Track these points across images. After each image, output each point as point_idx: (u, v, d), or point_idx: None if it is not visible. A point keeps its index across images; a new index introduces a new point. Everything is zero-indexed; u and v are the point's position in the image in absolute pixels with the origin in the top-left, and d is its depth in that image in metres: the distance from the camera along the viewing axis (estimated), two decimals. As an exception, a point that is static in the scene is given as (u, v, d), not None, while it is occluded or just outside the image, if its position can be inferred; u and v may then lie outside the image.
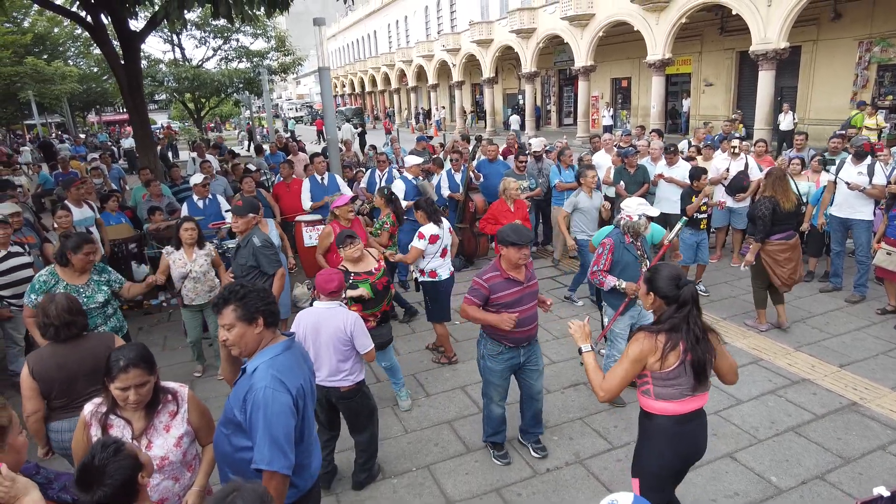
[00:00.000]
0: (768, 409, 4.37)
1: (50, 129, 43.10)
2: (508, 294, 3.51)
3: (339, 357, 3.39)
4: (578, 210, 6.31)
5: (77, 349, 2.96)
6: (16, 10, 26.16)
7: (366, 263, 4.25)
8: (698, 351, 2.43)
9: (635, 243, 4.40)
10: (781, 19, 15.18)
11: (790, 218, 5.48)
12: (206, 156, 10.82)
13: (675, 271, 2.56)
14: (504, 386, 3.75)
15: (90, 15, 8.40)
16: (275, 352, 2.22)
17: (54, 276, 4.00)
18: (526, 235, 3.46)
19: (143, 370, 2.23)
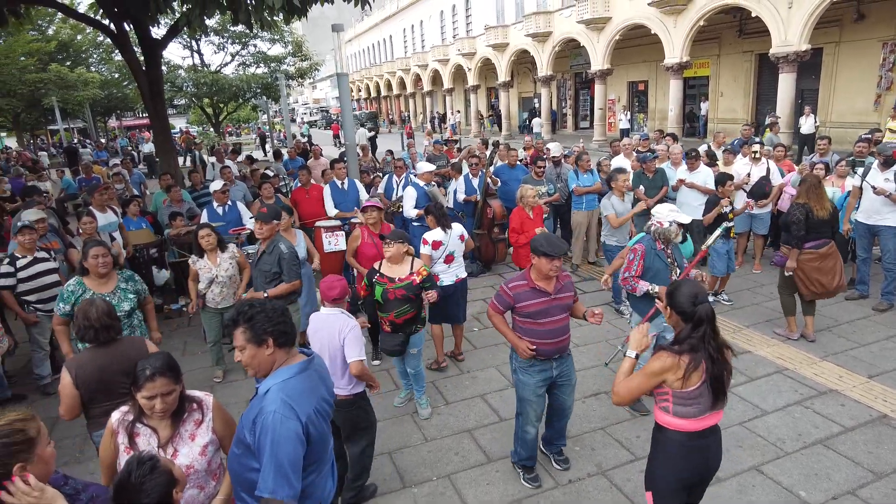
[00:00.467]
0: (795, 420, 4.28)
1: (72, 134, 43.93)
2: (533, 304, 3.46)
3: (333, 363, 3.34)
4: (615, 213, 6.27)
5: (114, 352, 3.02)
6: (41, 18, 26.75)
7: (399, 269, 4.24)
8: (716, 370, 2.46)
9: (666, 250, 4.34)
10: (803, 21, 14.96)
11: (824, 226, 5.33)
12: (225, 161, 10.94)
13: (694, 288, 2.56)
14: (540, 403, 3.65)
15: (113, 23, 8.54)
16: (288, 374, 2.15)
17: (81, 285, 4.05)
18: (559, 247, 3.40)
19: (169, 379, 2.25)
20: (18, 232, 5.04)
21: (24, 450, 1.76)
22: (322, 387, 2.28)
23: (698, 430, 2.53)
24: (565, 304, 3.55)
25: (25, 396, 5.31)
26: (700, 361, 2.44)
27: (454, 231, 5.21)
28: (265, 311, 2.13)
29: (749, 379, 4.90)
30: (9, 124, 36.30)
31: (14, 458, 1.74)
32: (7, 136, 42.58)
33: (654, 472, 2.71)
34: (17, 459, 1.74)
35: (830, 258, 5.35)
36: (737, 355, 2.67)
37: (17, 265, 5.08)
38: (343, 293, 3.46)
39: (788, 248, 5.41)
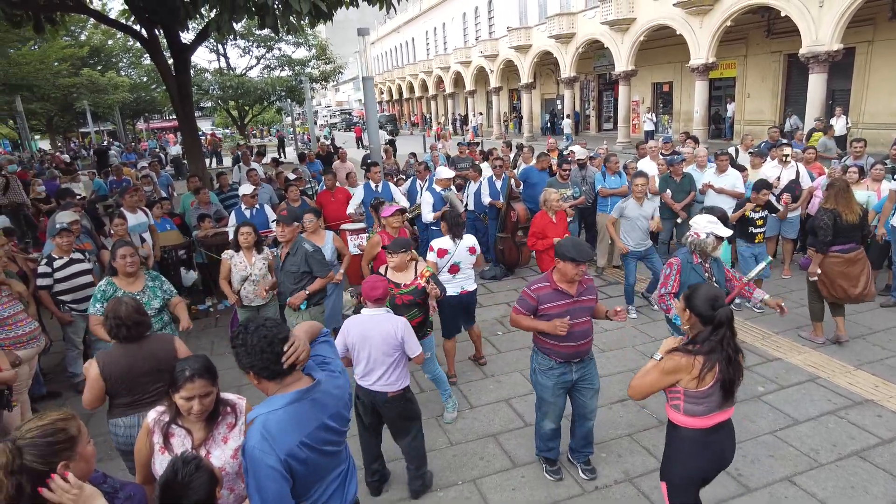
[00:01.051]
0: (829, 430, 4.17)
1: (102, 136, 45.02)
2: (556, 306, 3.45)
3: (388, 362, 3.44)
4: (625, 217, 6.20)
5: (143, 349, 3.09)
6: (74, 25, 27.47)
7: (404, 275, 4.24)
8: (730, 372, 2.54)
9: (703, 264, 4.17)
10: (835, 20, 14.62)
11: (853, 230, 5.23)
12: (251, 163, 11.08)
13: (713, 292, 2.63)
14: (557, 404, 3.66)
15: (145, 28, 8.73)
16: (279, 403, 2.04)
17: (112, 285, 4.17)
18: (586, 253, 3.38)
19: (207, 380, 2.28)
20: (57, 234, 5.18)
21: (67, 448, 1.81)
22: (321, 414, 2.12)
23: (710, 427, 2.64)
24: (587, 306, 3.53)
25: (60, 394, 5.45)
26: (714, 363, 2.52)
27: (464, 242, 5.02)
28: (245, 345, 2.00)
29: (780, 387, 4.80)
30: (43, 127, 37.36)
31: (58, 457, 1.78)
32: (41, 138, 43.79)
33: (670, 467, 2.83)
34: (60, 458, 1.79)
35: (858, 264, 5.25)
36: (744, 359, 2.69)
37: (53, 266, 5.22)
38: (385, 293, 3.50)
39: (815, 252, 5.32)
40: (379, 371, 3.44)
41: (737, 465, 3.80)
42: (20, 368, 4.27)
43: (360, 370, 3.51)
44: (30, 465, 1.73)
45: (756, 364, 5.17)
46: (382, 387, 3.47)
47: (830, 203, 5.24)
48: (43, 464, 1.75)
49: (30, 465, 1.73)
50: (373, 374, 3.45)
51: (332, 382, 2.20)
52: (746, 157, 8.81)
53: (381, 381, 3.46)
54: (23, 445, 1.74)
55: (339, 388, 2.20)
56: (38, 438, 1.77)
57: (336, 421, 2.18)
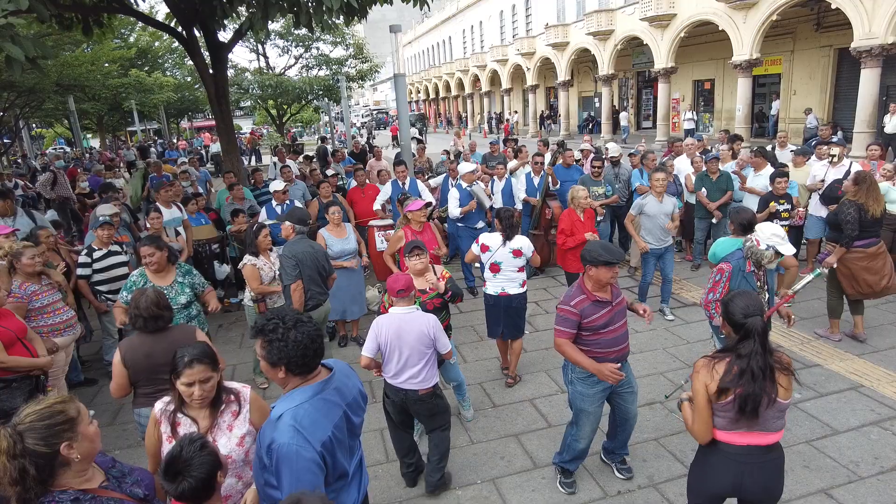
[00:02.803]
0: (871, 442, 3.95)
1: (148, 134, 46.62)
2: (600, 317, 3.30)
3: (420, 360, 3.45)
4: (645, 215, 6.04)
5: (163, 340, 3.15)
6: (124, 28, 28.50)
7: (426, 280, 4.15)
8: (752, 387, 2.33)
9: (756, 272, 3.95)
10: (890, 11, 13.92)
11: (875, 225, 5.15)
12: (286, 161, 11.26)
13: (749, 300, 2.49)
14: (597, 414, 3.50)
15: (184, 28, 8.96)
16: (302, 397, 2.07)
17: (143, 276, 4.28)
18: (619, 253, 3.27)
19: (206, 366, 2.33)
20: (99, 227, 5.37)
21: (68, 429, 1.86)
22: (339, 407, 2.15)
23: (736, 445, 2.45)
24: (623, 308, 3.44)
25: (96, 381, 5.64)
26: (732, 374, 2.36)
27: (511, 243, 4.79)
28: (285, 340, 2.03)
29: (818, 395, 4.58)
30: (94, 126, 38.88)
31: (59, 438, 1.83)
32: (92, 136, 45.60)
33: (689, 476, 2.74)
34: (61, 439, 1.83)
35: (880, 258, 5.19)
36: (798, 381, 2.50)
37: (93, 257, 5.41)
38: (407, 286, 3.48)
39: (833, 246, 5.26)
40: (411, 369, 3.44)
41: (769, 475, 3.64)
42: (56, 355, 4.43)
43: (390, 369, 3.50)
44: (32, 448, 1.77)
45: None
46: (413, 385, 3.47)
47: (861, 197, 5.13)
48: (45, 446, 1.80)
49: (32, 448, 1.77)
50: (404, 372, 3.45)
51: (342, 370, 2.28)
52: (784, 155, 8.48)
53: (412, 379, 3.47)
54: (23, 430, 1.79)
55: (346, 378, 2.27)
56: (37, 422, 1.81)
57: (354, 409, 2.23)
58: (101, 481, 2.01)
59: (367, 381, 5.23)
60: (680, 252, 8.65)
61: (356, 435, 2.27)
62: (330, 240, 5.59)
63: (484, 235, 4.99)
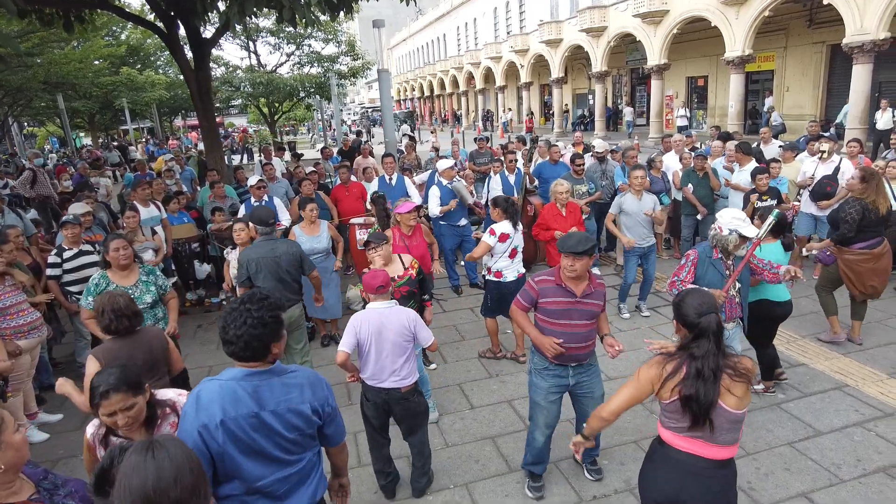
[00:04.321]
0: (854, 444, 3.86)
1: (142, 133, 46.36)
2: (556, 302, 3.27)
3: (401, 356, 3.36)
4: (624, 213, 5.95)
5: (136, 343, 3.06)
6: (114, 25, 28.24)
7: (393, 268, 4.09)
8: (697, 389, 2.18)
9: (724, 260, 3.86)
10: (882, 7, 13.85)
11: (879, 224, 4.97)
12: (272, 159, 11.12)
13: (702, 298, 2.34)
14: (549, 409, 3.44)
15: (165, 24, 8.82)
16: (222, 376, 2.09)
17: (105, 278, 4.16)
18: (576, 245, 3.16)
19: (125, 393, 2.16)
20: (62, 226, 5.24)
21: None
22: (248, 406, 2.03)
23: (675, 447, 2.33)
24: (590, 310, 3.30)
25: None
26: (678, 373, 2.24)
27: (520, 228, 5.12)
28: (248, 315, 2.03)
29: (802, 394, 4.49)
30: (85, 125, 38.62)
31: None
32: (85, 135, 45.31)
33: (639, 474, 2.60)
34: None
35: (884, 258, 5.03)
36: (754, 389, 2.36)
37: (63, 257, 5.28)
38: (386, 282, 3.39)
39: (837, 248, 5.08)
40: (392, 367, 3.35)
41: (748, 478, 3.55)
42: (21, 358, 4.31)
43: (368, 368, 3.39)
44: None
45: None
46: (395, 383, 3.38)
47: (870, 194, 4.94)
48: None
49: None
50: (385, 370, 3.35)
51: (291, 379, 2.13)
52: (772, 150, 8.40)
53: (393, 376, 3.37)
54: None
55: (289, 389, 2.11)
56: None
57: (279, 420, 2.06)
58: (31, 493, 1.89)
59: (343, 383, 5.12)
60: (668, 249, 8.56)
61: (287, 450, 2.11)
62: (301, 237, 5.49)
63: (497, 226, 5.03)
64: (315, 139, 35.80)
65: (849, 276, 5.06)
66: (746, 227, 3.74)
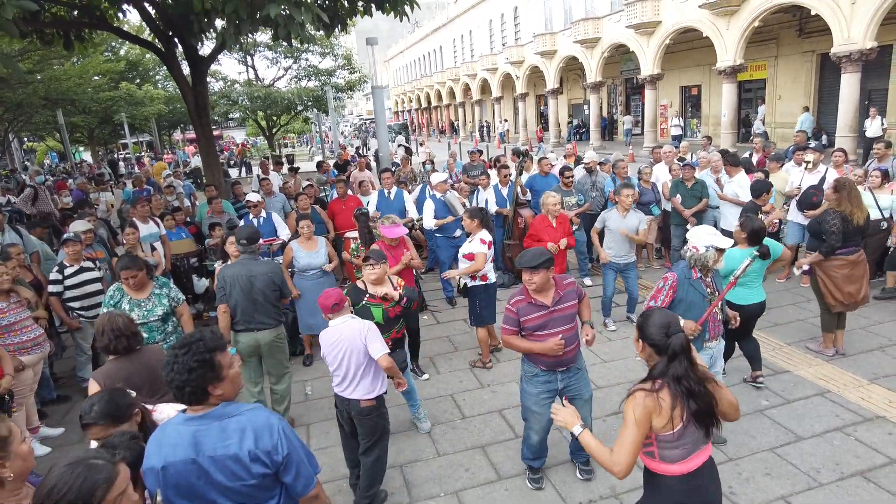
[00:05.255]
0: (833, 448, 3.97)
1: (141, 146, 46.62)
2: (534, 318, 3.42)
3: (358, 368, 3.43)
4: (607, 228, 6.11)
5: (137, 361, 3.15)
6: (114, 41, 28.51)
7: (384, 288, 4.16)
8: (698, 402, 2.24)
9: (704, 279, 3.87)
10: (868, 17, 14.09)
11: (858, 233, 5.08)
12: (269, 173, 11.27)
13: (665, 318, 2.37)
14: (541, 413, 3.57)
15: (162, 43, 9.00)
16: (171, 420, 2.11)
17: (120, 290, 4.29)
18: (533, 260, 3.33)
19: (104, 426, 2.24)
20: (63, 244, 5.37)
21: (0, 448, 1.86)
22: (194, 451, 1.98)
23: (692, 472, 2.32)
24: (567, 314, 3.46)
25: (69, 398, 5.62)
26: (676, 397, 2.24)
27: None
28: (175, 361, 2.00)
29: (785, 401, 4.60)
30: (85, 139, 38.86)
31: None
32: (84, 149, 45.56)
33: None
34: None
35: (860, 266, 5.10)
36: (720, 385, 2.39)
37: (64, 273, 5.41)
38: (339, 300, 3.49)
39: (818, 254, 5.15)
40: (351, 377, 3.46)
41: (729, 484, 3.65)
42: (23, 373, 4.42)
43: (335, 379, 3.55)
44: None
45: (763, 377, 4.97)
46: (354, 394, 3.48)
47: (844, 206, 5.04)
48: None
49: None
50: (345, 380, 3.48)
51: (233, 424, 2.01)
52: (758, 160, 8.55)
53: (351, 387, 3.47)
54: None
55: (235, 433, 2.00)
56: None
57: (218, 467, 1.97)
58: None
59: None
60: (659, 259, 8.69)
61: (235, 501, 2.02)
62: (298, 252, 5.61)
63: (484, 235, 5.36)
64: (314, 152, 36.02)
65: (825, 284, 5.13)
66: (720, 240, 3.80)
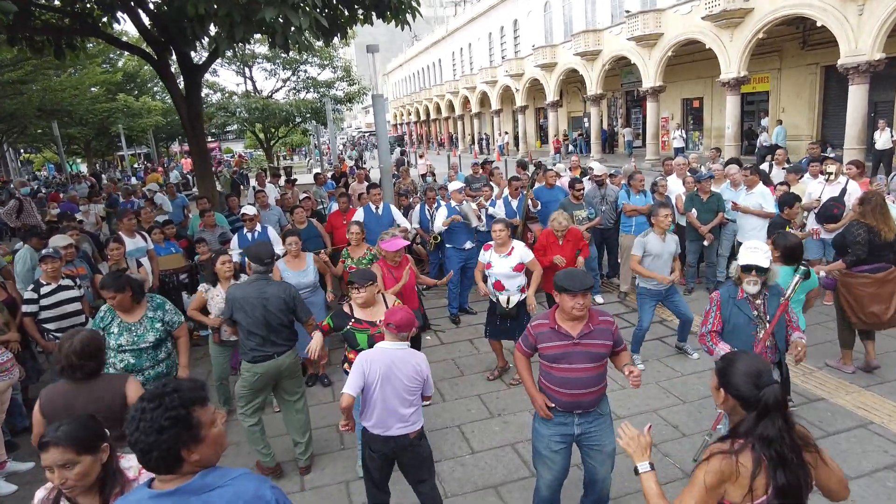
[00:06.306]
0: (887, 490, 3.57)
1: (138, 159, 46.38)
2: (552, 347, 3.03)
3: (410, 399, 3.16)
4: (648, 254, 5.41)
5: (86, 391, 2.84)
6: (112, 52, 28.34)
7: (376, 311, 3.81)
8: (787, 476, 1.83)
9: (752, 300, 3.51)
10: (875, 28, 13.88)
11: (886, 249, 4.79)
12: (265, 185, 10.94)
13: (755, 364, 1.97)
14: (554, 461, 3.14)
15: (155, 51, 8.70)
16: (131, 495, 1.71)
17: (111, 312, 3.90)
18: (582, 282, 2.94)
19: (66, 448, 1.92)
20: (41, 260, 4.99)
21: None
22: None
23: None
24: (593, 352, 3.01)
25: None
26: (762, 465, 1.84)
27: None
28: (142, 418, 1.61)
29: (825, 434, 4.20)
30: (82, 151, 38.59)
31: None
32: (81, 161, 45.27)
33: None
34: None
35: (889, 284, 4.80)
36: (820, 451, 2.00)
37: (40, 292, 5.01)
38: (403, 322, 3.16)
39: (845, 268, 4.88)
40: (401, 412, 3.11)
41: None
42: (-12, 404, 4.02)
43: (374, 416, 3.12)
44: None
45: (796, 405, 4.58)
46: (403, 429, 3.14)
47: (869, 219, 4.83)
48: None
49: None
50: (391, 417, 3.11)
51: (214, 500, 1.61)
52: (780, 173, 8.23)
53: (400, 423, 3.13)
54: None
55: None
56: None
57: None
58: None
59: (334, 425, 4.83)
60: (671, 275, 8.32)
61: None
62: (285, 272, 5.23)
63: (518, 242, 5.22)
64: (312, 164, 35.79)
65: (848, 301, 4.91)
66: (756, 257, 3.45)
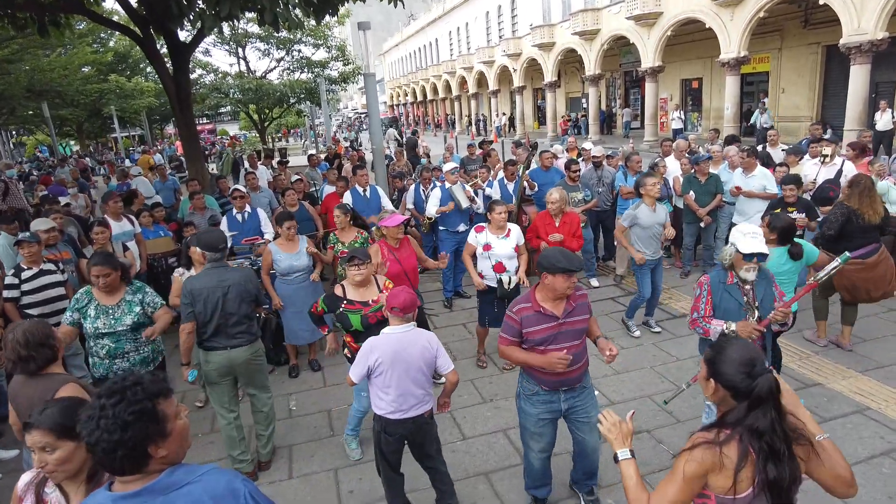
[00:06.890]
0: (883, 476, 3.52)
1: (132, 141, 45.89)
2: (539, 330, 2.98)
3: (423, 380, 3.12)
4: (637, 225, 5.53)
5: (35, 386, 2.70)
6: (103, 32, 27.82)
7: (368, 291, 3.76)
8: (778, 469, 1.74)
9: (741, 285, 3.43)
10: (879, 7, 13.62)
11: (874, 230, 4.79)
12: (257, 167, 10.75)
13: (747, 352, 1.87)
14: (542, 434, 3.18)
15: (141, 29, 8.46)
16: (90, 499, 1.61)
17: (88, 294, 3.82)
18: (577, 262, 2.89)
19: (44, 432, 1.86)
20: (17, 244, 4.85)
21: None
22: None
23: None
24: (578, 329, 3.02)
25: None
26: (748, 456, 1.75)
27: None
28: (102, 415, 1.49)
29: (821, 419, 4.14)
30: (74, 133, 38.14)
31: None
32: (74, 143, 44.81)
33: None
34: None
35: (881, 265, 4.85)
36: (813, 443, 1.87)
37: (21, 277, 4.88)
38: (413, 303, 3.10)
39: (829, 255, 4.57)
40: (416, 392, 3.07)
41: (770, 521, 3.19)
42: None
43: (390, 400, 3.06)
44: None
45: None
46: (419, 409, 3.11)
47: (853, 202, 4.81)
48: None
49: None
50: (408, 398, 3.06)
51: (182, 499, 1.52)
52: (776, 154, 8.11)
53: (417, 403, 3.09)
54: None
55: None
56: None
57: None
58: None
59: (325, 411, 4.77)
60: (669, 258, 8.22)
61: None
62: (278, 255, 5.11)
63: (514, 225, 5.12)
64: (306, 145, 35.45)
65: (843, 285, 4.94)
66: (743, 242, 3.32)
